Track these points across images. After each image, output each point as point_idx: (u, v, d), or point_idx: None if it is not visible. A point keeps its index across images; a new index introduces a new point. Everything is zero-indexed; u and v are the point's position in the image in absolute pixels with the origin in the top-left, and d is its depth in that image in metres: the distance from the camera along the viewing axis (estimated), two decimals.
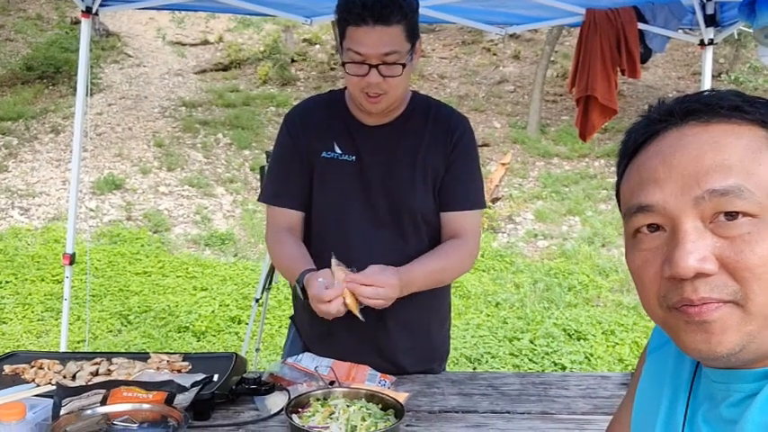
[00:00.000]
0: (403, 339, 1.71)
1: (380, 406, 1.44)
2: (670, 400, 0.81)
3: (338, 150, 1.65)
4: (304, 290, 1.55)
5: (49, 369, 1.59)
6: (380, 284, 1.48)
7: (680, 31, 2.99)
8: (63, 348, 3.09)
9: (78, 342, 4.38)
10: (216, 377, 1.51)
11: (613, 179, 0.82)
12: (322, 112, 1.69)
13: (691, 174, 0.67)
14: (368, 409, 1.43)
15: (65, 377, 1.55)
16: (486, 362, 4.23)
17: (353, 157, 1.64)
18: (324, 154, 1.65)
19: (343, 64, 1.54)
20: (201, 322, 4.77)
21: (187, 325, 4.75)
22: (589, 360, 4.27)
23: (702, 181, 0.66)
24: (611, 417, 1.51)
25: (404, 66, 1.52)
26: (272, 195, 1.72)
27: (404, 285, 1.53)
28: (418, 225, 1.67)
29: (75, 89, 3.07)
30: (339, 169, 1.63)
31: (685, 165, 0.67)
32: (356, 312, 1.50)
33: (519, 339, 4.52)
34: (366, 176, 1.63)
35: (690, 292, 0.66)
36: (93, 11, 2.92)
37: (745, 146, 0.67)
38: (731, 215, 0.65)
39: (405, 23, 1.50)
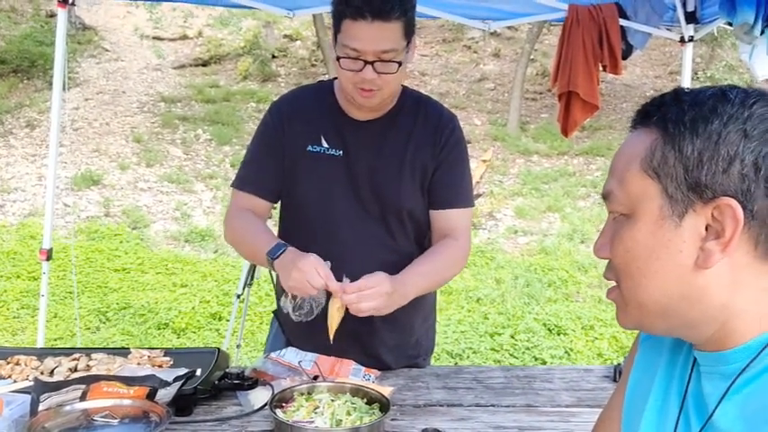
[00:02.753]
0: (386, 336, 1.70)
1: (365, 400, 1.44)
2: (664, 388, 0.82)
3: (325, 144, 1.61)
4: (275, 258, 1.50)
5: (26, 365, 1.55)
6: (367, 287, 1.42)
7: (661, 27, 3.02)
8: (40, 346, 3.03)
9: (55, 339, 4.31)
10: (198, 372, 1.49)
11: (591, 176, 0.90)
12: (310, 104, 1.65)
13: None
14: (353, 404, 1.42)
15: (42, 373, 1.52)
16: (468, 357, 4.24)
17: (341, 152, 1.60)
18: (310, 148, 1.60)
19: (338, 58, 1.48)
20: (181, 319, 4.72)
21: (167, 322, 4.69)
22: (569, 354, 4.31)
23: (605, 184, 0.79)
24: (594, 409, 1.53)
25: (400, 63, 1.47)
26: (246, 182, 1.67)
27: (401, 291, 1.48)
28: (405, 222, 1.65)
29: (50, 83, 3.01)
30: (326, 164, 1.60)
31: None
32: (331, 332, 1.45)
33: (500, 334, 4.55)
34: (353, 172, 1.60)
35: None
36: (70, 1, 2.86)
37: (630, 152, 0.74)
38: (614, 213, 0.77)
39: (404, 20, 1.44)
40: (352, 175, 1.60)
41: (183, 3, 4.82)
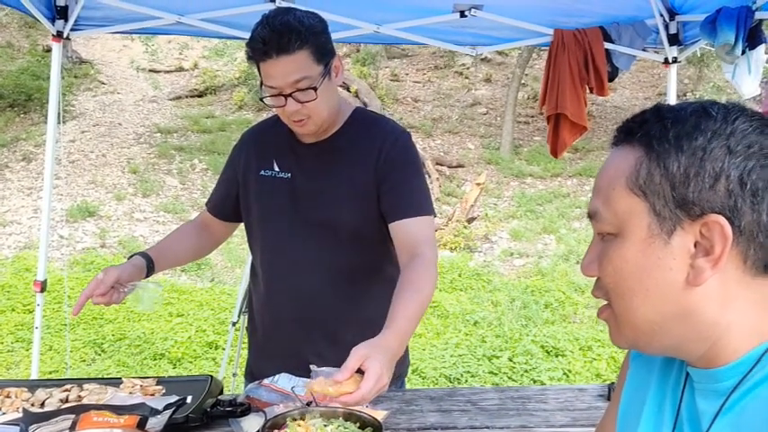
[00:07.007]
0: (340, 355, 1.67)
1: (358, 424, 1.42)
2: (657, 404, 0.81)
3: (276, 168, 1.71)
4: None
5: (16, 397, 1.54)
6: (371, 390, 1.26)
7: (645, 50, 3.07)
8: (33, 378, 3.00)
9: (50, 372, 4.27)
10: (189, 399, 1.48)
11: (585, 198, 0.88)
12: (272, 131, 1.75)
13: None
14: (346, 428, 1.41)
15: (33, 405, 1.51)
16: (466, 381, 4.22)
17: (288, 175, 1.69)
18: (262, 172, 1.72)
19: (261, 99, 1.58)
20: (178, 349, 4.69)
21: (163, 352, 4.66)
22: (567, 376, 4.29)
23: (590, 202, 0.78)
24: (588, 428, 1.52)
25: (316, 89, 1.51)
26: (209, 201, 1.93)
27: (390, 357, 1.34)
28: (350, 239, 1.66)
29: (46, 117, 3.04)
30: (274, 186, 1.69)
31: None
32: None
33: (498, 357, 4.52)
34: (297, 192, 1.67)
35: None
36: (65, 35, 2.90)
37: (615, 170, 0.73)
38: (601, 232, 0.75)
39: (309, 47, 1.50)
40: (296, 197, 1.67)
41: (178, 35, 4.89)
